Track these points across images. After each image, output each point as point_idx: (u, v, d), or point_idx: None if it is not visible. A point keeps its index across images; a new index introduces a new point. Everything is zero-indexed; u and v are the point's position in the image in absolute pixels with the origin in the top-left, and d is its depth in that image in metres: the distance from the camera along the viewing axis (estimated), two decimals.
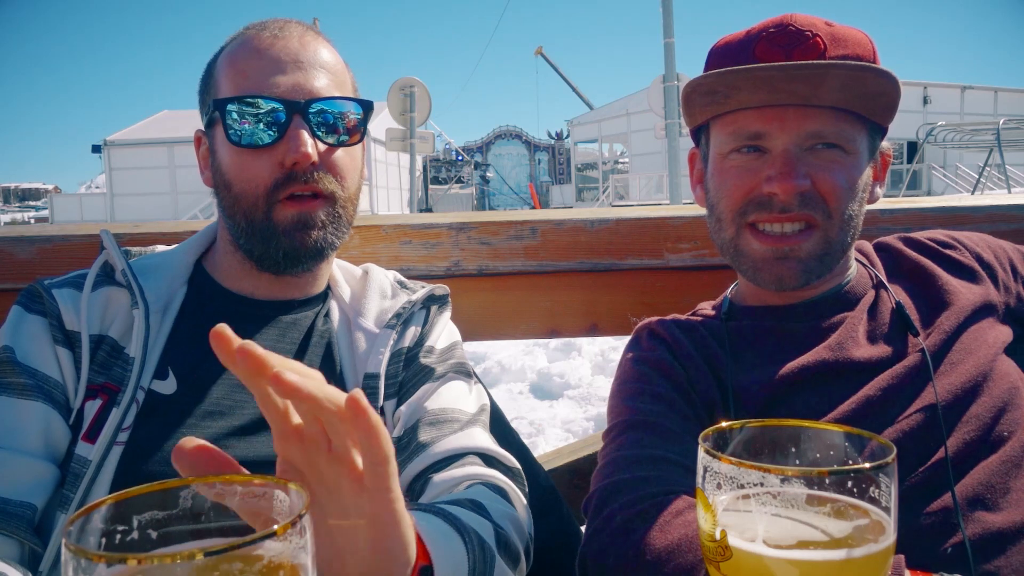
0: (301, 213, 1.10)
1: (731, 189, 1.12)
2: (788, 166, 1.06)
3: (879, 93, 1.06)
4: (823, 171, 1.07)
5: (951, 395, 1.02)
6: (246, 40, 1.14)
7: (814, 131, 1.07)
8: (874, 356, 1.08)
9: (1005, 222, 1.62)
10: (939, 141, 16.31)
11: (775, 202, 1.07)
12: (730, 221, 1.13)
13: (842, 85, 1.03)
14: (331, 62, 1.16)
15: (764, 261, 1.10)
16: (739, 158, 1.11)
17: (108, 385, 1.06)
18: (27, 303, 1.11)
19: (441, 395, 1.15)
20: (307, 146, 1.07)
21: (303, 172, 1.09)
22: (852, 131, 1.09)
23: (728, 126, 1.12)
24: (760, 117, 1.08)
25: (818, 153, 1.08)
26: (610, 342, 7.18)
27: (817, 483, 0.57)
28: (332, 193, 1.12)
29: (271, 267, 1.14)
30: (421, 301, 1.25)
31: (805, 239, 1.09)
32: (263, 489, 0.54)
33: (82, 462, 1.01)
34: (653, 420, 1.06)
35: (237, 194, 1.12)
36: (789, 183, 1.05)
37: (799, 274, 1.09)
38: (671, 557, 0.86)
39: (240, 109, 1.08)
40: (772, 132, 1.08)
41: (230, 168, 1.12)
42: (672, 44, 12.84)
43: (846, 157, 1.08)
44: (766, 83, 1.05)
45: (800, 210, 1.07)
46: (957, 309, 1.11)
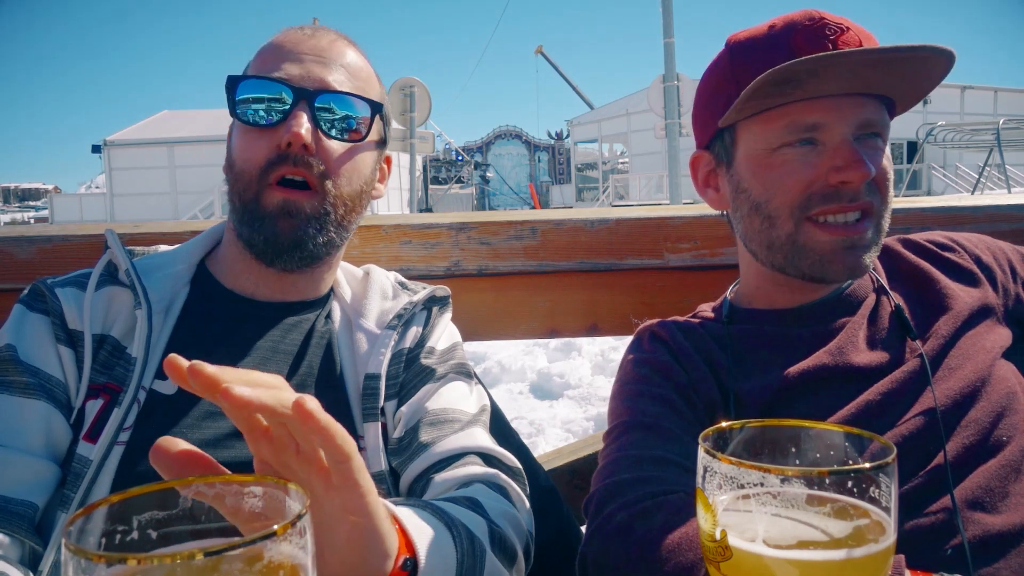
0: (287, 200, 1.10)
1: (789, 183, 1.09)
2: (856, 154, 1.05)
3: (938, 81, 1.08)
4: (876, 160, 1.08)
5: (950, 400, 1.02)
6: (279, 35, 1.18)
7: (866, 120, 1.08)
8: (874, 362, 1.08)
9: (1005, 222, 1.62)
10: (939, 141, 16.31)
11: (843, 192, 1.06)
12: (787, 217, 1.10)
13: (913, 72, 1.05)
14: (355, 65, 1.17)
15: (834, 253, 1.08)
16: (792, 151, 1.08)
17: (110, 385, 1.06)
18: (30, 302, 1.11)
19: (442, 396, 1.15)
20: (302, 128, 1.08)
21: (295, 153, 1.09)
22: (885, 118, 1.12)
23: (778, 120, 1.09)
24: (814, 108, 1.07)
25: (867, 142, 1.09)
26: (610, 342, 7.18)
27: (817, 483, 0.57)
28: (323, 185, 1.11)
29: (260, 255, 1.14)
30: (422, 302, 1.25)
31: (867, 227, 1.09)
32: (262, 489, 0.54)
33: (83, 462, 1.01)
34: (654, 421, 1.06)
35: (237, 173, 1.13)
36: (863, 170, 1.04)
37: (863, 262, 1.09)
38: (671, 557, 0.86)
39: (249, 87, 1.11)
40: (830, 122, 1.07)
41: (236, 146, 1.14)
42: (672, 44, 12.83)
43: (884, 146, 1.11)
44: (849, 68, 1.03)
45: (866, 197, 1.08)
46: (955, 313, 1.11)
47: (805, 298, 1.16)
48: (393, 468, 1.12)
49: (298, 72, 1.11)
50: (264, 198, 1.10)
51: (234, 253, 1.19)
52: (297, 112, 1.09)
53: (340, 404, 1.14)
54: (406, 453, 1.10)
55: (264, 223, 1.10)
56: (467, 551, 0.87)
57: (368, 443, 1.11)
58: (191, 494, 0.54)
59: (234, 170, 1.14)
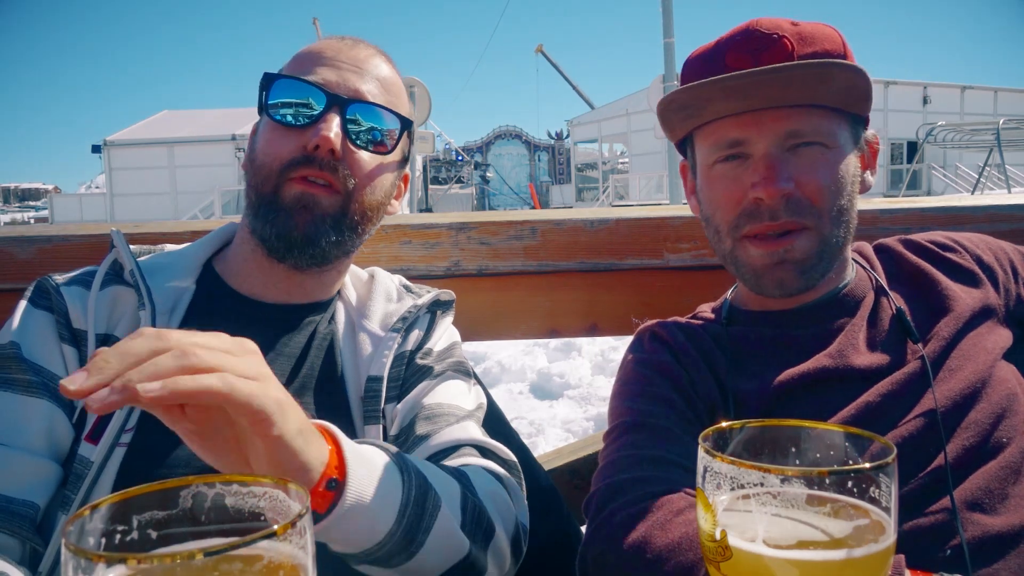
0: (306, 193, 1.11)
1: (722, 201, 1.12)
2: (770, 170, 1.06)
3: (849, 86, 1.06)
4: (806, 172, 1.07)
5: (950, 401, 1.02)
6: (320, 42, 1.20)
7: (791, 130, 1.07)
8: (874, 363, 1.08)
9: (1005, 222, 1.62)
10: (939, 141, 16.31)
11: (762, 209, 1.07)
12: (726, 234, 1.13)
13: (810, 83, 1.04)
14: (389, 79, 1.20)
15: (764, 268, 1.10)
16: (723, 167, 1.12)
17: None
18: (35, 299, 1.10)
19: (438, 392, 1.16)
20: (331, 132, 1.09)
21: (321, 158, 1.10)
22: (830, 125, 1.09)
23: (709, 136, 1.12)
24: (737, 123, 1.08)
25: (799, 153, 1.08)
26: (610, 342, 7.18)
27: (817, 483, 0.57)
28: (345, 189, 1.12)
29: (273, 250, 1.14)
30: (427, 306, 1.25)
31: (797, 239, 1.08)
32: (263, 489, 0.54)
33: (84, 463, 1.01)
34: (654, 421, 1.06)
35: (257, 167, 1.14)
36: (772, 187, 1.05)
37: (798, 276, 1.09)
38: (671, 556, 0.86)
39: (284, 86, 1.13)
40: (751, 137, 1.08)
41: (260, 142, 1.15)
42: (672, 44, 12.84)
43: (827, 152, 1.08)
44: (737, 91, 1.05)
45: (788, 216, 1.07)
46: (956, 315, 1.11)
47: (802, 299, 1.15)
48: None
49: (334, 79, 1.13)
50: (283, 190, 1.11)
51: (245, 253, 1.19)
52: (328, 117, 1.10)
53: (340, 406, 1.14)
54: (403, 448, 1.10)
55: (280, 215, 1.11)
56: (415, 499, 0.87)
57: None
58: (191, 494, 0.54)
59: (255, 164, 1.14)
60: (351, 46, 1.18)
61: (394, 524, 0.85)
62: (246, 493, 0.54)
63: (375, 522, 0.83)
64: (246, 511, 0.54)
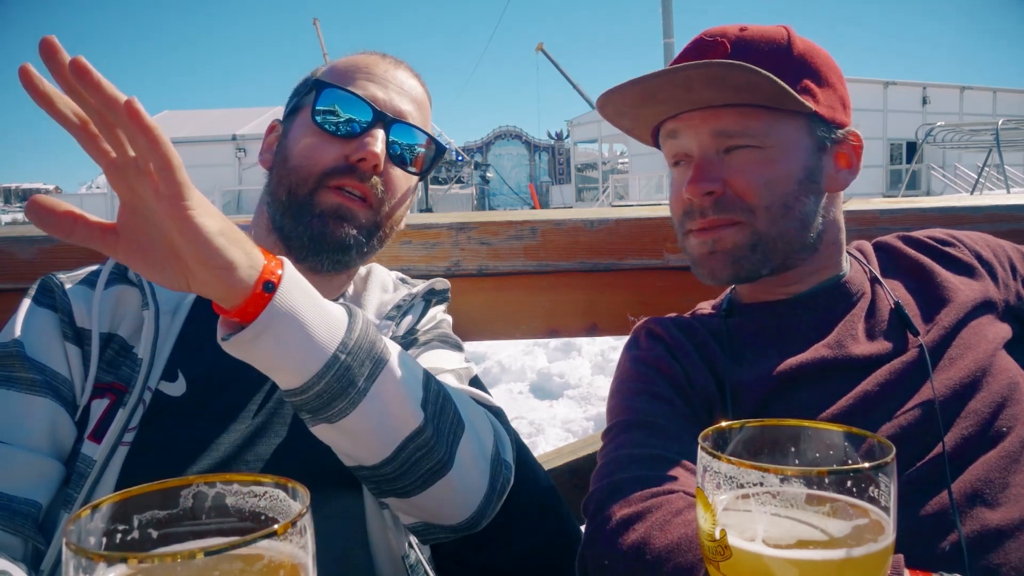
0: (343, 204, 1.14)
1: (673, 202, 1.19)
2: (698, 171, 1.11)
3: (750, 83, 1.06)
4: (736, 173, 1.10)
5: (950, 390, 1.02)
6: (364, 56, 1.24)
7: (718, 129, 1.10)
8: (873, 353, 1.08)
9: (1004, 222, 1.62)
10: (938, 141, 16.32)
11: (694, 208, 1.12)
12: (678, 230, 1.19)
13: (709, 84, 1.07)
14: (423, 102, 1.25)
15: (699, 256, 1.15)
16: (675, 171, 1.18)
17: (116, 385, 1.06)
18: (39, 297, 1.10)
19: (423, 357, 1.17)
20: (377, 148, 1.13)
21: (364, 170, 1.14)
22: (760, 125, 1.09)
23: (663, 142, 1.20)
24: (674, 124, 1.15)
25: (733, 155, 1.11)
26: (610, 342, 7.18)
27: (816, 483, 0.58)
28: (380, 202, 1.17)
29: (297, 250, 1.15)
30: (421, 294, 1.27)
31: (724, 231, 1.11)
32: (263, 489, 0.54)
33: (87, 461, 1.01)
34: (652, 419, 1.06)
35: (292, 167, 1.15)
36: (694, 186, 1.10)
37: (728, 265, 1.12)
38: (671, 556, 0.86)
39: (335, 96, 1.15)
40: (685, 137, 1.14)
41: (296, 145, 1.16)
42: (672, 44, 12.85)
43: (760, 152, 1.10)
44: (648, 95, 1.11)
45: (715, 214, 1.11)
46: (957, 305, 1.11)
47: (797, 288, 1.16)
48: None
49: (381, 96, 1.17)
50: (319, 196, 1.13)
51: None
52: (375, 132, 1.15)
53: None
54: None
55: (314, 220, 1.13)
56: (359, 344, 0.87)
57: None
58: (192, 493, 0.54)
59: (289, 164, 1.16)
60: (395, 65, 1.23)
61: (331, 358, 0.84)
62: (247, 492, 0.54)
63: (309, 346, 0.83)
64: (247, 510, 0.54)
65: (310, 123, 1.15)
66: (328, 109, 1.15)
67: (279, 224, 1.16)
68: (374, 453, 0.91)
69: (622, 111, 1.18)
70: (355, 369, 0.86)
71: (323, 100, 1.15)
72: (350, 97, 1.15)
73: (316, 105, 1.15)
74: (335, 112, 1.15)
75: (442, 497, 0.97)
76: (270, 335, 0.80)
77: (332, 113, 1.15)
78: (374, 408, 0.88)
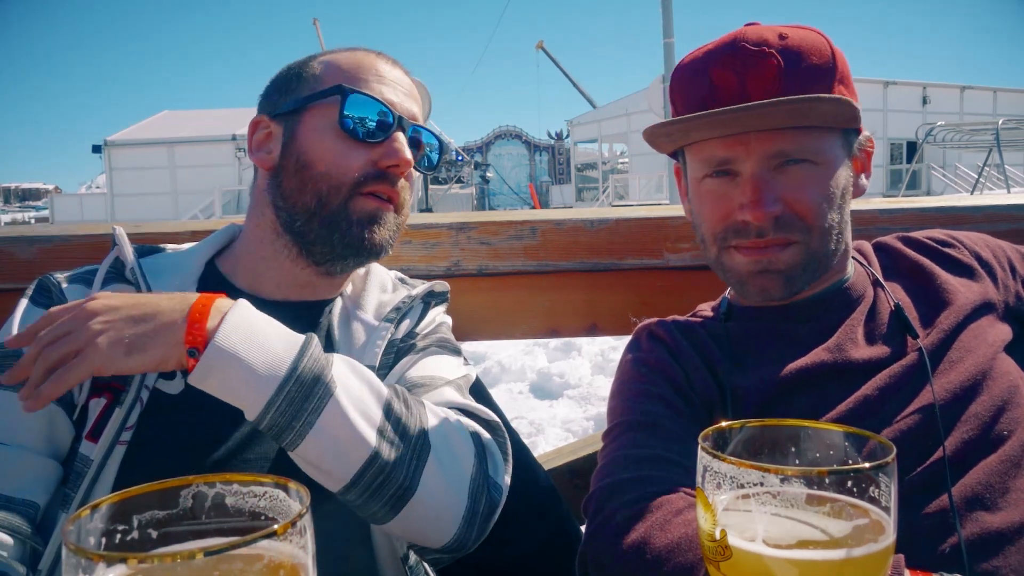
0: (378, 209, 1.16)
1: (709, 215, 1.14)
2: (757, 193, 1.06)
3: (835, 114, 1.06)
4: (794, 191, 1.07)
5: (950, 394, 1.02)
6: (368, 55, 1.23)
7: (778, 151, 1.07)
8: (873, 357, 1.08)
9: (1004, 222, 1.62)
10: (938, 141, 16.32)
11: (750, 228, 1.08)
12: (712, 243, 1.15)
13: (793, 117, 1.04)
14: (422, 102, 1.27)
15: (748, 274, 1.11)
16: (712, 183, 1.13)
17: (113, 384, 1.05)
18: (36, 297, 1.11)
19: (420, 365, 1.16)
20: (407, 153, 1.16)
21: (396, 176, 1.17)
22: (817, 142, 1.08)
23: (698, 153, 1.13)
24: (724, 145, 1.09)
25: (787, 171, 1.08)
26: (610, 342, 7.18)
27: (817, 483, 0.57)
28: (401, 206, 1.20)
29: (322, 255, 1.15)
30: (421, 296, 1.26)
31: (783, 251, 1.09)
32: (263, 489, 0.54)
33: (84, 461, 1.01)
34: (652, 420, 1.06)
35: (319, 174, 1.14)
36: (759, 211, 1.06)
37: (782, 286, 1.10)
38: (671, 556, 0.86)
39: (360, 101, 1.16)
40: (738, 157, 1.09)
41: (320, 150, 1.15)
42: (672, 44, 12.84)
43: (816, 169, 1.08)
44: (720, 124, 1.07)
45: (776, 233, 1.08)
46: (956, 308, 1.11)
47: (800, 295, 1.16)
48: None
49: (394, 98, 1.19)
50: (354, 203, 1.14)
51: (263, 252, 1.19)
52: (399, 137, 1.17)
53: None
54: None
55: (350, 228, 1.14)
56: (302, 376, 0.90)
57: None
58: (191, 493, 0.54)
59: (315, 171, 1.14)
60: (393, 65, 1.24)
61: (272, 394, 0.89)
62: (246, 493, 0.54)
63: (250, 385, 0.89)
64: (246, 510, 0.54)
65: (336, 129, 1.14)
66: (356, 115, 1.16)
67: (302, 229, 1.15)
68: (334, 479, 0.93)
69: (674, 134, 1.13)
70: (298, 403, 0.90)
71: (351, 105, 1.15)
72: (373, 102, 1.16)
73: (344, 110, 1.15)
74: (362, 118, 1.16)
75: (415, 521, 0.96)
76: (213, 378, 0.90)
77: (360, 119, 1.16)
78: (324, 438, 0.91)
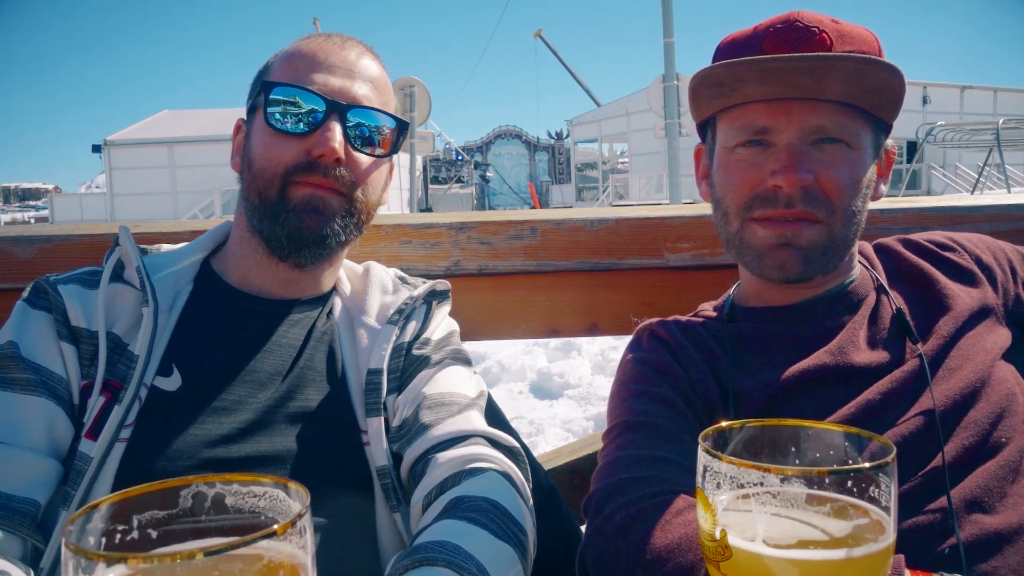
0: (314, 195, 1.13)
1: (737, 183, 1.12)
2: (792, 159, 1.06)
3: (884, 87, 1.06)
4: (827, 167, 1.07)
5: (949, 401, 1.02)
6: (309, 42, 1.20)
7: (818, 125, 1.07)
8: (874, 361, 1.08)
9: (1004, 222, 1.62)
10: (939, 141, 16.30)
11: (779, 196, 1.07)
12: (735, 215, 1.13)
13: (847, 78, 1.04)
14: (380, 79, 1.21)
15: (768, 248, 1.10)
16: (745, 152, 1.11)
17: (111, 382, 1.06)
18: (32, 299, 1.11)
19: (439, 380, 1.17)
20: (335, 141, 1.11)
21: (326, 165, 1.12)
22: (856, 126, 1.09)
23: (735, 120, 1.12)
24: (767, 111, 1.08)
25: (822, 148, 1.08)
26: (610, 342, 7.18)
27: (817, 483, 0.57)
28: (351, 192, 1.15)
29: (278, 250, 1.15)
30: (423, 296, 1.26)
31: (807, 228, 1.08)
32: (263, 489, 0.54)
33: (84, 459, 1.01)
34: (653, 421, 1.06)
35: (257, 171, 1.14)
36: (792, 176, 1.05)
37: (800, 262, 1.09)
38: (671, 556, 0.86)
39: (284, 94, 1.13)
40: (778, 126, 1.08)
41: (257, 147, 1.15)
42: (672, 44, 12.82)
43: (850, 152, 1.08)
44: (772, 74, 1.05)
45: (803, 206, 1.07)
46: (955, 314, 1.11)
47: (804, 295, 1.16)
48: (395, 453, 1.14)
49: (332, 84, 1.14)
50: (290, 192, 1.13)
51: (244, 250, 1.20)
52: (330, 124, 1.12)
53: (342, 400, 1.15)
54: (406, 437, 1.12)
55: (289, 216, 1.12)
56: None
57: (371, 437, 1.12)
58: (191, 493, 0.54)
59: (253, 168, 1.15)
60: (341, 46, 1.19)
61: None
62: (246, 493, 0.54)
63: None
64: (246, 510, 0.54)
65: (265, 126, 1.14)
66: (279, 108, 1.13)
67: (258, 227, 1.16)
68: None
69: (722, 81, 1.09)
70: None
71: (273, 99, 1.13)
72: (300, 91, 1.13)
73: (267, 106, 1.13)
74: (287, 110, 1.13)
75: None
76: None
77: (284, 111, 1.13)
78: None
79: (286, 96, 1.13)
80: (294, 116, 1.13)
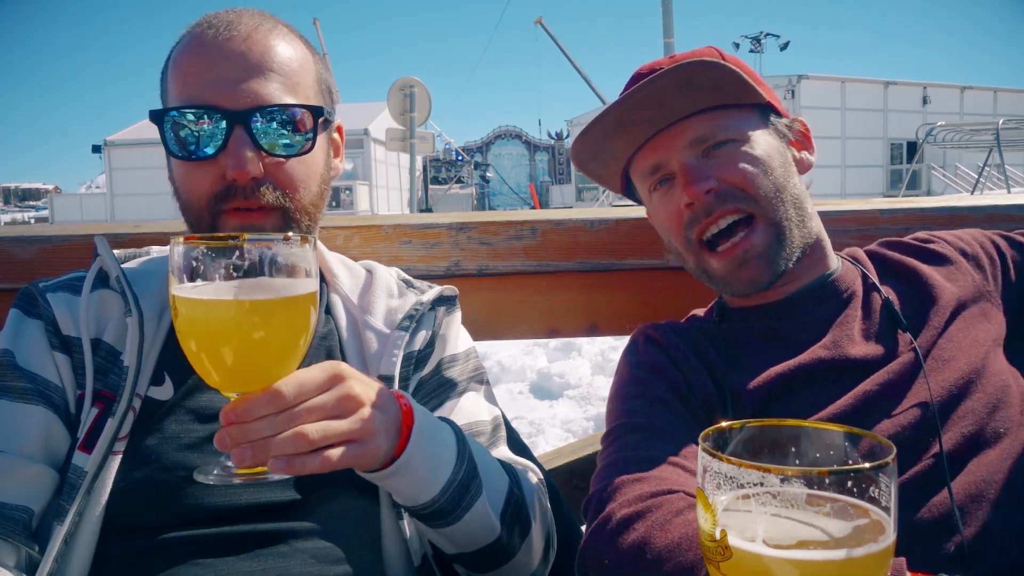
0: (245, 225, 1.06)
1: (668, 223, 1.19)
2: (687, 175, 1.12)
3: (716, 80, 1.11)
4: (724, 166, 1.12)
5: (945, 391, 1.03)
6: (192, 40, 1.08)
7: (694, 137, 1.13)
8: (870, 354, 1.09)
9: (1004, 222, 1.61)
10: (938, 141, 16.31)
11: (696, 211, 1.12)
12: (686, 252, 1.18)
13: (680, 88, 1.09)
14: (284, 61, 1.07)
15: (730, 273, 1.14)
16: (658, 193, 1.19)
17: (104, 393, 1.04)
18: (25, 307, 1.09)
19: (462, 410, 1.17)
20: (246, 163, 1.02)
21: (244, 187, 1.05)
22: (730, 122, 1.14)
23: (636, 172, 1.22)
24: (649, 149, 1.16)
25: (715, 155, 1.13)
26: (610, 342, 7.18)
27: (817, 483, 0.57)
28: (280, 207, 1.07)
29: None
30: (431, 302, 1.23)
31: (751, 233, 1.11)
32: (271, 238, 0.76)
33: (78, 472, 0.99)
34: (651, 422, 1.07)
35: (184, 204, 1.11)
36: (692, 188, 1.11)
37: (765, 268, 1.12)
38: (671, 556, 0.86)
39: (179, 120, 1.04)
40: (664, 157, 1.15)
41: (176, 176, 1.11)
42: (672, 44, 12.83)
43: (739, 146, 1.13)
44: (619, 123, 1.13)
45: (720, 205, 1.11)
46: (943, 303, 1.13)
47: (788, 289, 1.17)
48: None
49: (226, 89, 1.03)
50: (220, 225, 1.06)
51: None
52: (235, 140, 1.02)
53: None
54: None
55: None
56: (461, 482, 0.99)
57: None
58: None
59: (180, 200, 1.10)
60: (227, 34, 1.05)
61: (438, 494, 0.96)
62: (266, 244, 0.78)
63: (424, 485, 0.96)
64: None
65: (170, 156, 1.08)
66: (176, 135, 1.05)
67: None
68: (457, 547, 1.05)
69: (595, 152, 1.20)
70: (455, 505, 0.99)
71: (169, 129, 1.04)
72: (193, 113, 1.03)
73: (166, 138, 1.05)
74: (187, 135, 1.04)
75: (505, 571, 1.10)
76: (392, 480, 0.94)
77: (184, 137, 1.04)
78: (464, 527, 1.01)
79: (180, 121, 1.04)
80: (194, 139, 1.04)
